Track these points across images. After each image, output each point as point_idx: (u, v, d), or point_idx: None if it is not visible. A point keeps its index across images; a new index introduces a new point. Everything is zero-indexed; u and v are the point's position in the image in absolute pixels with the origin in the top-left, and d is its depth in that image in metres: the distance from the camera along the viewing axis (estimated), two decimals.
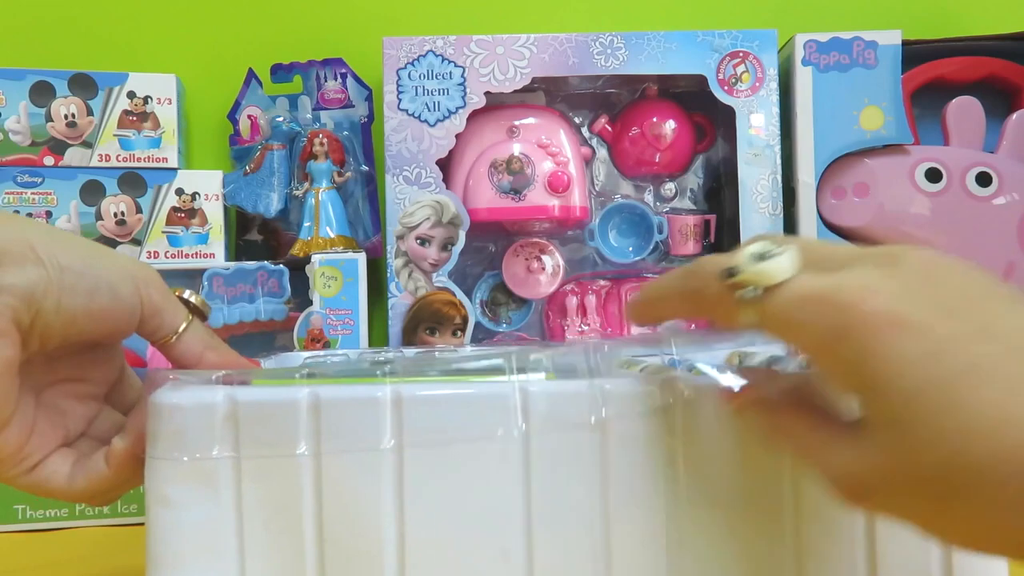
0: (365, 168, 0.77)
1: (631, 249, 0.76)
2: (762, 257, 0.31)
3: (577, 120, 0.78)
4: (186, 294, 0.42)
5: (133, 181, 0.74)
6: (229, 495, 0.34)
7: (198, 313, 0.42)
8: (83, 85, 0.74)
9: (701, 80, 0.72)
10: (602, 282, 0.76)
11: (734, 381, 0.34)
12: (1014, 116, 0.73)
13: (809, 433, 0.31)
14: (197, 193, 0.74)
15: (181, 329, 0.41)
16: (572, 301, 0.75)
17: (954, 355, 0.26)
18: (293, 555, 0.34)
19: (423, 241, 0.71)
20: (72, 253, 0.37)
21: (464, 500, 0.34)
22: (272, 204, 0.76)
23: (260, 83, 0.78)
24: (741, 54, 0.72)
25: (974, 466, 0.25)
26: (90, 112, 0.74)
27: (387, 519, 0.34)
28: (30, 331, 0.36)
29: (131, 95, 0.74)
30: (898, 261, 0.29)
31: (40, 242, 0.36)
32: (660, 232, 0.75)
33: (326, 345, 0.70)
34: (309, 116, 0.77)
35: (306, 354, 0.58)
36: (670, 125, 0.75)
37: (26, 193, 0.72)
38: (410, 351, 0.59)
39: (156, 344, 0.41)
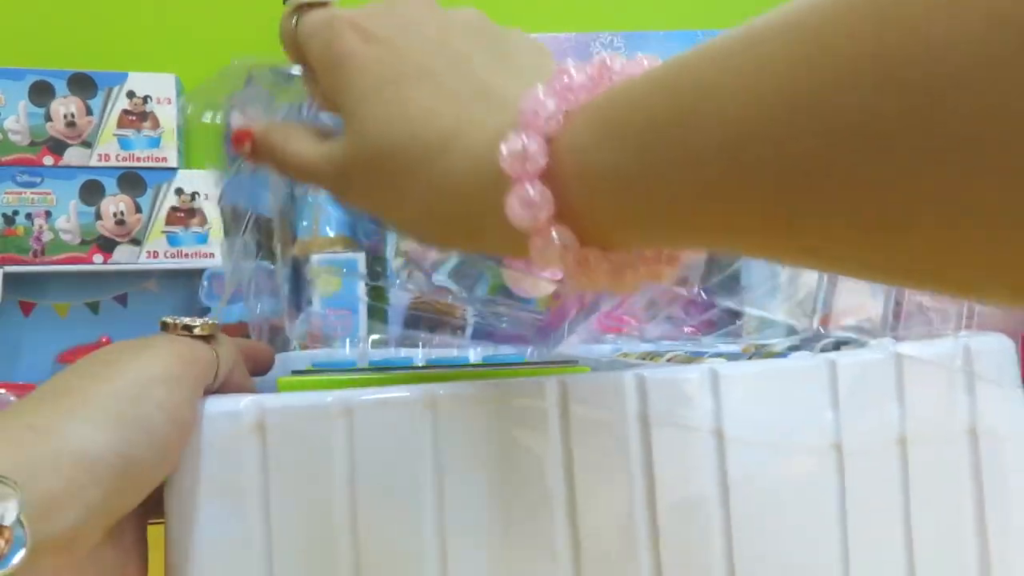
0: None
1: None
2: None
3: None
4: (195, 326, 0.35)
5: (133, 181, 0.74)
6: (256, 511, 0.31)
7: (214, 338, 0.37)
8: (82, 85, 0.73)
9: None
10: None
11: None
12: None
13: (292, 140, 0.33)
14: (197, 193, 0.74)
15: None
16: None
17: (403, 61, 0.30)
18: (324, 572, 0.32)
19: None
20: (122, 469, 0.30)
21: (508, 503, 0.32)
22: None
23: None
24: None
25: (404, 147, 0.28)
26: (89, 112, 0.73)
27: (427, 527, 0.32)
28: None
29: (131, 95, 0.74)
30: None
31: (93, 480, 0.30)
32: None
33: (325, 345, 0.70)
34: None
35: (305, 354, 0.57)
36: None
37: (25, 193, 0.72)
38: (412, 351, 0.58)
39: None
